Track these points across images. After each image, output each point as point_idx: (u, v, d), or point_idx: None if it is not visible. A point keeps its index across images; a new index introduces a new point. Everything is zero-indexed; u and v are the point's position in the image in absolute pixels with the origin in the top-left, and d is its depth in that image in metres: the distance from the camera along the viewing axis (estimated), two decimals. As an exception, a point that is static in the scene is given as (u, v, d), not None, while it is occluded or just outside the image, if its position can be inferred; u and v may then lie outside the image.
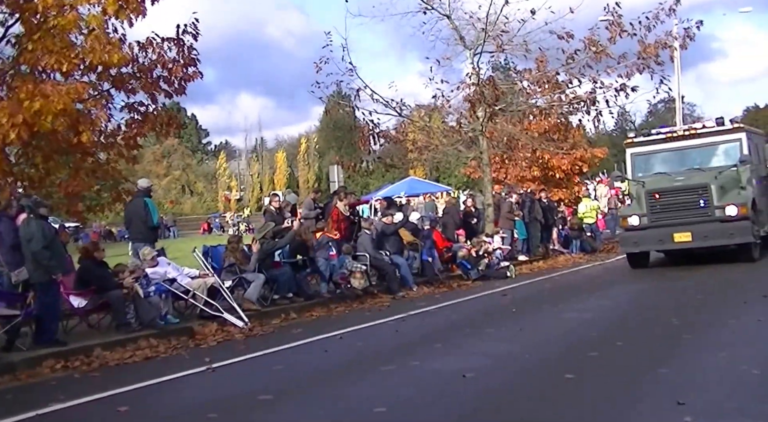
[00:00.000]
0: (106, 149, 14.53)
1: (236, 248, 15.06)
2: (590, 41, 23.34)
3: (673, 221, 17.45)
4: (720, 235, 16.97)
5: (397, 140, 26.33)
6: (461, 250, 20.11)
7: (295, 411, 7.33)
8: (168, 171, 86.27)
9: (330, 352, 10.50)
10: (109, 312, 12.22)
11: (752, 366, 7.51)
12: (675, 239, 17.40)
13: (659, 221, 17.67)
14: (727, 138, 18.33)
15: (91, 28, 12.72)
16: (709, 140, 18.51)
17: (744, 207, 17.03)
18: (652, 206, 17.85)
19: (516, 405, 6.99)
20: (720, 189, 17.28)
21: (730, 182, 17.60)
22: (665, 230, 17.51)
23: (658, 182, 18.20)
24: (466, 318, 12.94)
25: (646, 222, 17.89)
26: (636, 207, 18.52)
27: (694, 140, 18.72)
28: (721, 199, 17.16)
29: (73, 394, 8.46)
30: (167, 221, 56.91)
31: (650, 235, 17.81)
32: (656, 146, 19.21)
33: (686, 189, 17.63)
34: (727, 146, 18.29)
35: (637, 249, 18.38)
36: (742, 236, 16.97)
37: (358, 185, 68.34)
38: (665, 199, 17.76)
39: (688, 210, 17.42)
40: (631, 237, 18.37)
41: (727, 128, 18.40)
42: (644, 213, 17.95)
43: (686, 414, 6.07)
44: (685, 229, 17.29)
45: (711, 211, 17.15)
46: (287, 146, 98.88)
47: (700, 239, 17.19)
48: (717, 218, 17.08)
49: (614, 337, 9.88)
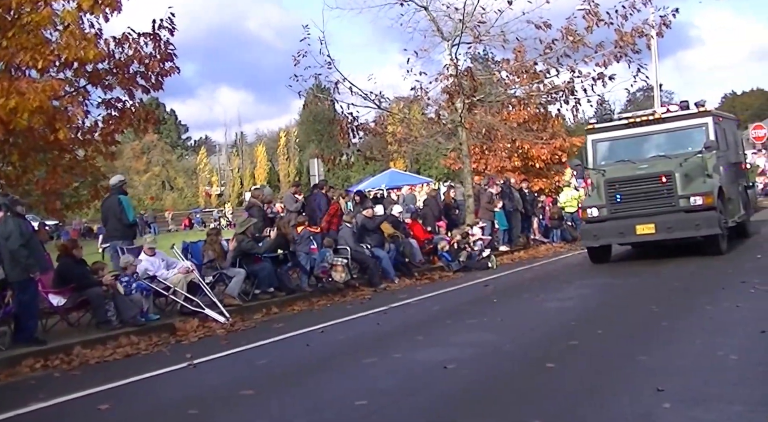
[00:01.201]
0: (83, 145, 14.46)
1: (215, 240, 15.10)
2: (567, 31, 23.37)
3: (636, 212, 16.48)
4: (685, 226, 16.01)
5: (377, 132, 26.32)
6: (442, 242, 20.14)
7: (277, 405, 7.32)
8: (148, 167, 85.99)
9: (311, 346, 10.50)
10: (89, 310, 12.15)
11: (730, 352, 7.57)
12: (637, 231, 16.43)
13: (620, 213, 16.69)
14: (692, 123, 17.41)
15: (66, 24, 12.65)
16: (674, 125, 17.58)
17: (710, 196, 16.07)
18: (613, 196, 16.86)
19: (497, 394, 7.02)
20: (685, 177, 16.30)
21: (695, 169, 16.71)
22: (627, 221, 16.55)
23: (619, 171, 17.24)
24: (447, 310, 12.95)
25: (606, 214, 16.89)
26: (596, 198, 17.49)
27: (658, 126, 17.79)
28: (686, 188, 16.21)
29: (53, 393, 8.43)
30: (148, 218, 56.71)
31: (611, 227, 16.79)
32: (618, 132, 18.24)
33: (649, 178, 16.55)
34: (693, 132, 17.38)
35: (598, 243, 17.30)
36: (708, 227, 15.94)
37: (339, 178, 68.33)
38: (626, 188, 16.74)
39: (651, 200, 16.41)
40: (591, 230, 17.30)
41: (692, 112, 17.50)
42: (604, 204, 16.94)
43: (665, 400, 6.12)
44: (647, 220, 16.30)
45: (675, 201, 16.19)
46: (267, 140, 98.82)
47: (664, 230, 16.20)
48: (681, 208, 16.13)
49: (594, 325, 9.96)
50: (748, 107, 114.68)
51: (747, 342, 8.12)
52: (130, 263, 13.09)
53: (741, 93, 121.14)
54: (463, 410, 6.60)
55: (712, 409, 5.91)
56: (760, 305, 10.28)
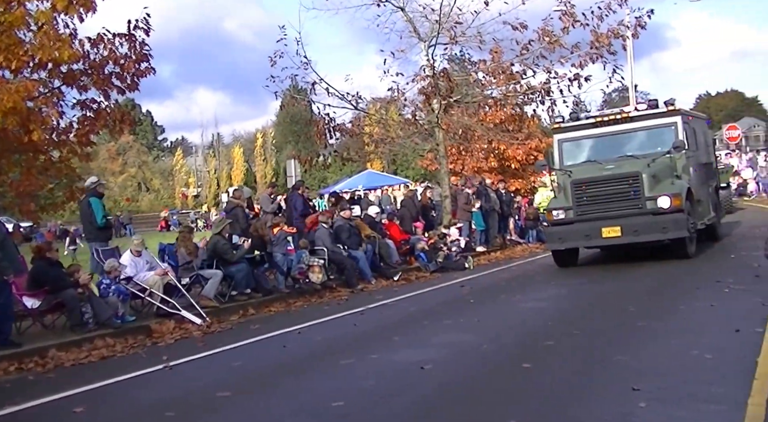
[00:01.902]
0: (58, 146, 14.35)
1: (187, 237, 15.12)
2: (544, 31, 23.53)
3: (602, 214, 15.98)
4: (652, 229, 15.56)
5: (354, 133, 26.31)
6: (419, 242, 20.16)
7: (254, 406, 7.31)
8: (123, 168, 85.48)
9: (288, 347, 10.48)
10: (64, 313, 12.05)
11: (705, 351, 7.64)
12: (603, 234, 15.93)
13: (586, 215, 16.19)
14: (661, 122, 16.91)
15: (40, 24, 12.55)
16: (642, 125, 17.08)
17: (678, 198, 15.57)
18: (579, 198, 16.30)
19: (474, 395, 7.04)
20: (652, 178, 15.81)
21: (664, 170, 16.23)
22: (593, 224, 16.05)
23: (585, 172, 16.71)
24: (424, 310, 12.97)
25: (572, 216, 16.38)
26: (562, 199, 16.93)
27: (626, 125, 17.26)
28: (653, 189, 15.70)
29: (28, 396, 8.36)
30: (123, 219, 56.37)
31: (576, 230, 16.28)
32: (585, 131, 17.67)
33: (615, 179, 16.06)
34: (662, 131, 16.84)
35: (563, 246, 16.81)
36: (675, 229, 15.44)
37: (316, 179, 68.25)
38: (593, 190, 16.20)
39: (617, 202, 15.89)
40: (556, 233, 16.79)
41: (661, 112, 17.01)
42: (570, 206, 16.43)
43: (641, 399, 6.17)
44: (614, 223, 15.80)
45: (642, 203, 15.69)
46: (244, 141, 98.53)
47: (631, 233, 15.74)
48: (649, 211, 15.64)
49: (570, 325, 10.01)
50: (722, 108, 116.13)
51: (721, 341, 8.19)
52: (115, 267, 12.98)
53: (715, 94, 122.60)
54: (440, 410, 6.62)
55: (686, 407, 5.96)
56: (735, 305, 10.37)
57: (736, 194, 34.38)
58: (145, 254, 13.87)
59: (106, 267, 12.97)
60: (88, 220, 14.72)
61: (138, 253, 13.71)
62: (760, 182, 37.46)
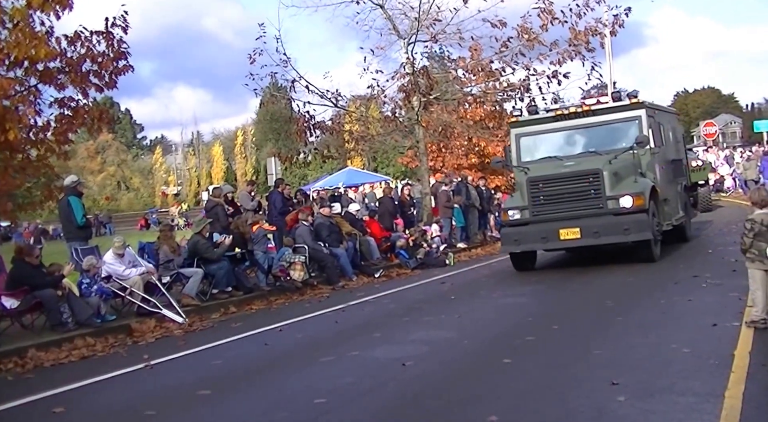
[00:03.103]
0: (35, 145, 14.21)
1: (168, 235, 15.09)
2: (523, 29, 23.64)
3: (560, 214, 14.99)
4: (613, 230, 14.56)
5: (334, 130, 26.31)
6: (400, 239, 20.20)
7: (235, 404, 7.30)
8: (102, 167, 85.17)
9: (270, 345, 10.48)
10: (43, 312, 11.96)
11: (682, 345, 7.72)
12: (561, 235, 14.91)
13: (543, 215, 15.19)
14: (624, 116, 15.93)
15: (15, 21, 12.42)
16: (604, 119, 16.02)
17: (640, 197, 14.61)
18: (535, 198, 15.25)
19: (455, 390, 7.06)
20: (614, 176, 14.84)
21: (627, 167, 15.31)
22: (550, 225, 15.03)
23: (542, 169, 15.74)
24: (404, 307, 13.00)
25: (528, 216, 15.36)
26: (518, 199, 15.89)
27: (588, 119, 16.18)
28: (615, 188, 14.74)
29: (6, 397, 8.30)
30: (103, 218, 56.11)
31: (533, 231, 15.25)
32: (544, 125, 16.66)
33: (574, 176, 15.02)
34: (625, 125, 15.90)
35: (518, 249, 15.72)
36: (638, 231, 14.49)
37: (296, 176, 68.18)
38: (550, 188, 15.17)
39: (576, 202, 14.88)
40: (511, 234, 15.66)
41: (624, 105, 15.98)
42: (526, 206, 15.39)
43: (620, 393, 6.24)
44: (572, 224, 14.80)
45: (603, 202, 14.70)
46: (224, 139, 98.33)
47: (591, 235, 14.70)
48: (609, 211, 14.69)
49: (550, 321, 10.07)
50: (699, 105, 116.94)
51: (699, 335, 8.27)
52: (93, 265, 12.90)
53: (693, 91, 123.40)
54: (422, 406, 6.64)
55: (664, 401, 6.02)
56: (711, 299, 10.46)
57: (713, 189, 34.58)
58: (127, 254, 13.79)
59: (84, 265, 12.88)
60: (67, 219, 14.67)
61: (120, 255, 13.59)
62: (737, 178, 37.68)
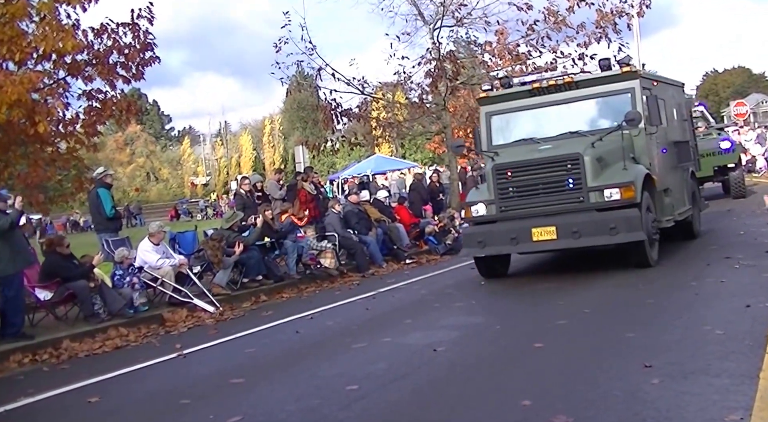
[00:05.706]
0: (64, 138, 14.36)
1: (217, 247, 14.16)
2: (549, 11, 23.44)
3: (532, 209, 12.27)
4: (596, 230, 11.77)
5: (361, 117, 26.29)
6: (429, 226, 20.16)
7: (268, 392, 7.33)
8: (131, 158, 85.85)
9: (301, 333, 10.49)
10: (76, 303, 12.09)
11: (715, 327, 7.63)
12: (534, 236, 12.11)
13: (512, 211, 12.45)
14: (613, 88, 13.08)
15: (42, 15, 12.54)
16: (591, 92, 13.26)
17: (630, 188, 11.80)
18: (503, 190, 12.44)
19: (487, 375, 7.04)
20: (597, 162, 12.07)
21: (614, 151, 12.36)
22: (521, 223, 12.27)
23: (513, 154, 12.93)
24: (435, 293, 12.96)
25: (495, 212, 12.59)
26: (484, 191, 12.94)
27: (570, 93, 13.36)
28: (599, 177, 11.99)
29: (42, 387, 8.40)
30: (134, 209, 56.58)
31: (500, 231, 12.41)
32: (519, 101, 13.79)
33: (549, 163, 12.21)
34: (615, 100, 13.03)
35: (483, 252, 12.90)
36: (628, 230, 11.66)
37: (325, 164, 68.33)
38: (520, 178, 12.34)
39: (552, 194, 12.14)
40: (475, 234, 12.82)
41: (614, 74, 13.18)
42: (492, 199, 12.59)
43: (653, 376, 6.17)
44: (547, 222, 12.05)
45: (584, 195, 11.94)
46: (252, 128, 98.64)
47: (569, 236, 11.92)
48: (592, 206, 11.95)
49: (582, 304, 9.99)
50: (729, 85, 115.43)
51: (732, 316, 8.15)
52: (126, 256, 12.99)
53: (723, 71, 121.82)
54: (454, 391, 6.62)
55: (699, 383, 5.95)
56: (744, 280, 10.33)
57: (745, 170, 34.07)
58: (162, 243, 13.87)
59: (117, 257, 12.98)
60: (96, 211, 14.82)
61: (156, 244, 13.63)
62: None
